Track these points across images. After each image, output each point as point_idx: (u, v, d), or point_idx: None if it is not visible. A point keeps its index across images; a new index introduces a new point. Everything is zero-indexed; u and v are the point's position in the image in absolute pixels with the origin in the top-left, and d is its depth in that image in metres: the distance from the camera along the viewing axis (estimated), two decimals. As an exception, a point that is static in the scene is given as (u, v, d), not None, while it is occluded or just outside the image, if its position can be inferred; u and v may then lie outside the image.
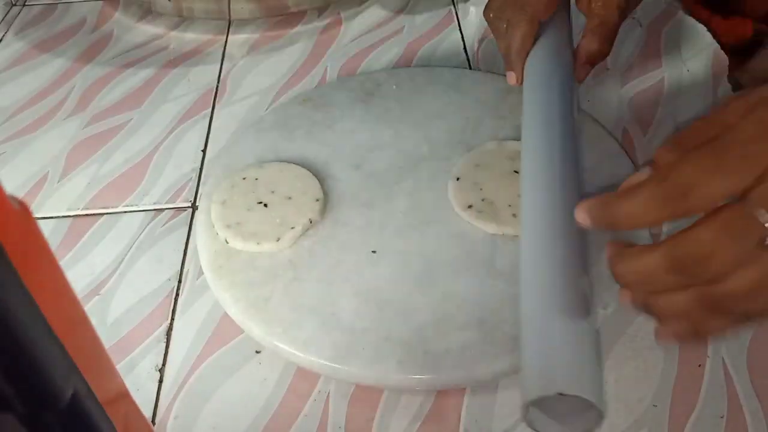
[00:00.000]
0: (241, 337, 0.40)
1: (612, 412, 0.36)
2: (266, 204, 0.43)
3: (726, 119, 0.26)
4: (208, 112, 0.56)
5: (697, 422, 0.35)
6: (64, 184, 0.51)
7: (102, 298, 0.43)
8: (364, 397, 0.37)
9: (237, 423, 0.37)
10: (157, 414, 0.37)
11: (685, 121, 0.52)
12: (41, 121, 0.57)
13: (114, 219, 0.48)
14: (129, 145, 0.54)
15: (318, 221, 0.43)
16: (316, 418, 0.37)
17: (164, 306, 0.42)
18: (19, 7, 0.72)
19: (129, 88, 0.60)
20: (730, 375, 0.37)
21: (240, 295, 0.39)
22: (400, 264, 0.41)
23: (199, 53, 0.63)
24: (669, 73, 0.56)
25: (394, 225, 0.43)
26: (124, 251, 0.46)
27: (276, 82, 0.59)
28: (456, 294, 0.39)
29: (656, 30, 0.61)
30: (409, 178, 0.46)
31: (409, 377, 0.36)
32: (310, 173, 0.46)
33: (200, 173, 0.51)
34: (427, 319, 0.38)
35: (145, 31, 0.67)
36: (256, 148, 0.49)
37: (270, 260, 0.41)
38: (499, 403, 0.37)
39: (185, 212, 0.48)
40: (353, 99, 0.53)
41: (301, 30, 0.65)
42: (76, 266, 0.45)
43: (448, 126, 0.49)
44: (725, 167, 0.24)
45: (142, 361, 0.40)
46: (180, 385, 0.38)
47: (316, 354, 0.37)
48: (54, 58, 0.64)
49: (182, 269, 0.45)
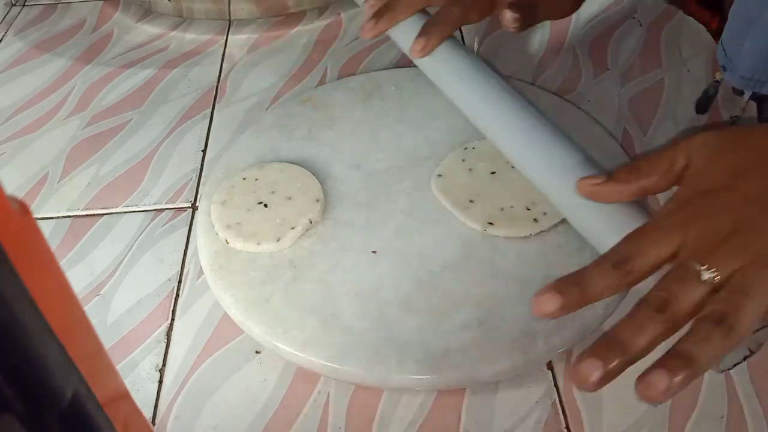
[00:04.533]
0: (241, 337, 0.40)
1: (612, 412, 0.36)
2: (266, 204, 0.43)
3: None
4: (208, 112, 0.56)
5: (697, 422, 0.35)
6: (64, 184, 0.51)
7: (102, 298, 0.43)
8: (364, 397, 0.37)
9: (237, 423, 0.37)
10: (157, 414, 0.37)
11: (685, 120, 0.52)
12: (41, 121, 0.57)
13: (114, 219, 0.48)
14: (129, 145, 0.54)
15: (318, 221, 0.43)
16: (316, 419, 0.37)
17: (164, 306, 0.42)
18: (19, 7, 0.72)
19: (129, 88, 0.60)
20: (730, 375, 0.37)
21: (240, 295, 0.39)
22: (400, 264, 0.41)
23: (199, 53, 0.63)
24: (669, 73, 0.56)
25: (394, 225, 0.43)
26: (124, 251, 0.46)
27: (276, 82, 0.59)
28: (456, 294, 0.39)
29: (656, 30, 0.61)
30: (409, 178, 0.46)
31: (409, 377, 0.36)
32: (310, 173, 0.46)
33: (200, 173, 0.51)
34: (427, 319, 0.38)
35: (145, 31, 0.67)
36: (256, 148, 0.49)
37: (270, 260, 0.41)
38: (499, 403, 0.37)
39: (185, 212, 0.48)
40: (353, 99, 0.53)
41: (301, 30, 0.65)
42: (76, 266, 0.45)
43: (448, 126, 0.49)
44: (653, 239, 0.30)
45: (142, 361, 0.40)
46: (180, 385, 0.38)
47: (316, 354, 0.37)
48: (54, 58, 0.64)
49: (182, 269, 0.45)
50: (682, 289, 0.28)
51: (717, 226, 0.30)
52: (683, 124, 0.52)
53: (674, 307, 0.28)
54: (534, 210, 0.42)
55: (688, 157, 0.33)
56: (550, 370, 0.38)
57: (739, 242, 0.29)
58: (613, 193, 0.35)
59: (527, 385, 0.37)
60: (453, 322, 0.37)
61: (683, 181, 0.33)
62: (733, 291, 0.28)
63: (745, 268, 0.28)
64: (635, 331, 0.28)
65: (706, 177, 0.32)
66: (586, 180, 0.35)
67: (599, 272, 0.30)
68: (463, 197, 0.43)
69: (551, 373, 0.38)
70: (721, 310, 0.27)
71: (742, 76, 0.45)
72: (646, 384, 0.27)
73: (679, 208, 0.31)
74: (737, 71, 0.45)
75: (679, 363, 0.27)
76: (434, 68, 0.47)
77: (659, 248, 0.30)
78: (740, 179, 0.31)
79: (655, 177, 0.34)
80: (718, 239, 0.29)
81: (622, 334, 0.28)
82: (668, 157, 0.34)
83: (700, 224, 0.30)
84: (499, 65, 0.59)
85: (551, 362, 0.38)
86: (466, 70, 0.45)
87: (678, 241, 0.30)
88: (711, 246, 0.29)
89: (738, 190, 0.31)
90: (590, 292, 0.30)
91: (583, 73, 0.57)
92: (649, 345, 0.28)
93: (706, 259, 0.29)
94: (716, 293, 0.28)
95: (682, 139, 0.34)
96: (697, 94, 0.54)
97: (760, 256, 0.28)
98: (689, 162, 0.33)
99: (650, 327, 0.28)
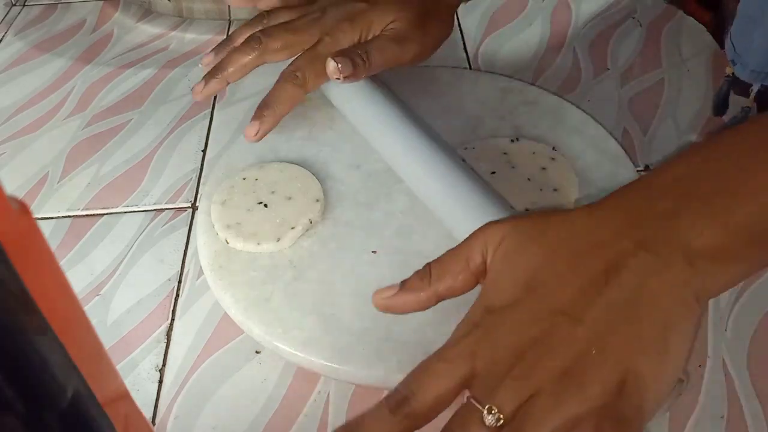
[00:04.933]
0: (241, 337, 0.40)
1: (612, 412, 0.36)
2: (266, 204, 0.43)
3: None
4: (208, 112, 0.56)
5: (697, 422, 0.35)
6: (64, 184, 0.51)
7: (102, 298, 0.43)
8: (364, 397, 0.37)
9: (237, 423, 0.37)
10: (157, 414, 0.37)
11: (685, 121, 0.52)
12: (41, 121, 0.57)
13: (114, 219, 0.48)
14: (129, 145, 0.54)
15: (318, 221, 0.43)
16: (316, 418, 0.37)
17: (164, 306, 0.42)
18: (19, 7, 0.72)
19: (129, 88, 0.60)
20: (730, 375, 0.37)
21: (240, 296, 0.39)
22: (400, 264, 0.41)
23: (199, 53, 0.63)
24: (669, 73, 0.56)
25: (394, 225, 0.43)
26: (124, 251, 0.46)
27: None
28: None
29: (656, 30, 0.61)
30: (409, 178, 0.46)
31: (409, 377, 0.36)
32: (310, 173, 0.46)
33: (200, 173, 0.51)
34: (427, 319, 0.38)
35: (145, 31, 0.67)
36: (256, 148, 0.49)
37: (270, 260, 0.41)
38: (499, 403, 0.37)
39: (185, 212, 0.48)
40: (353, 99, 0.53)
41: (301, 30, 0.65)
42: (76, 266, 0.45)
43: (448, 126, 0.49)
44: (435, 373, 0.29)
45: (142, 361, 0.40)
46: (180, 385, 0.38)
47: (316, 354, 0.37)
48: (54, 58, 0.64)
49: (182, 269, 0.45)
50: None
51: (504, 351, 0.28)
52: (683, 124, 0.52)
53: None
54: (533, 211, 0.42)
55: (483, 254, 0.31)
56: (550, 370, 0.38)
57: (526, 368, 0.27)
58: (407, 303, 0.33)
59: (527, 385, 0.37)
60: (453, 322, 0.37)
61: (483, 278, 0.32)
62: (517, 428, 0.26)
63: (534, 398, 0.26)
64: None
65: (497, 289, 0.30)
66: (377, 293, 0.33)
67: (376, 419, 0.28)
68: None
69: (551, 373, 0.38)
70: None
71: (752, 70, 0.45)
72: None
73: (468, 333, 0.29)
74: (748, 65, 0.45)
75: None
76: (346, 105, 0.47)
77: (442, 382, 0.28)
78: (530, 292, 0.29)
79: (449, 280, 0.32)
80: (506, 366, 0.27)
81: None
82: (462, 256, 0.32)
83: (488, 350, 0.28)
84: (499, 65, 0.59)
85: (551, 362, 0.38)
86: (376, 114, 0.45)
87: (463, 372, 0.28)
88: (498, 376, 0.27)
89: (528, 303, 0.29)
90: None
91: (583, 73, 0.57)
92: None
93: (491, 396, 0.27)
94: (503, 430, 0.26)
95: (479, 231, 0.32)
96: (697, 94, 0.54)
97: (549, 376, 0.26)
98: (485, 258, 0.31)
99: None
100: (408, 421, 0.28)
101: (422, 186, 0.41)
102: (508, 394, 0.27)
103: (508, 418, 0.26)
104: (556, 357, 0.27)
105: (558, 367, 0.27)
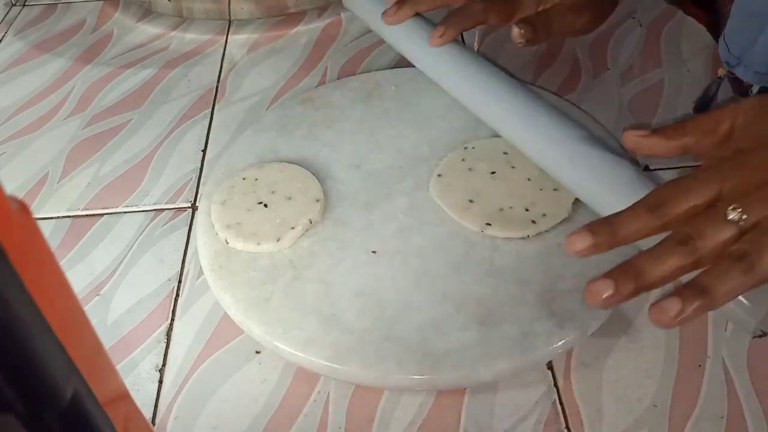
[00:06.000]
0: (241, 337, 0.40)
1: (612, 412, 0.36)
2: (266, 204, 0.43)
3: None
4: (208, 112, 0.56)
5: (697, 422, 0.35)
6: (64, 184, 0.51)
7: (102, 298, 0.43)
8: (364, 397, 0.37)
9: (237, 423, 0.37)
10: (157, 414, 0.37)
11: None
12: (41, 121, 0.57)
13: (114, 219, 0.48)
14: (129, 145, 0.54)
15: (318, 221, 0.43)
16: (316, 418, 0.37)
17: (164, 306, 0.42)
18: (19, 7, 0.72)
19: (129, 88, 0.60)
20: (730, 375, 0.37)
21: (240, 295, 0.39)
22: (400, 264, 0.41)
23: (199, 53, 0.63)
24: (669, 73, 0.56)
25: (394, 225, 0.43)
26: (124, 251, 0.46)
27: (276, 82, 0.59)
28: (456, 294, 0.39)
29: (656, 30, 0.61)
30: (409, 178, 0.46)
31: (409, 377, 0.36)
32: (310, 173, 0.46)
33: (200, 173, 0.51)
34: (427, 319, 0.38)
35: (145, 31, 0.67)
36: (256, 148, 0.49)
37: (270, 260, 0.41)
38: (499, 403, 0.37)
39: (185, 212, 0.48)
40: (353, 99, 0.53)
41: (301, 30, 0.65)
42: (76, 266, 0.45)
43: (448, 126, 0.49)
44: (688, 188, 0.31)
45: (142, 361, 0.40)
46: (180, 386, 0.38)
47: (316, 354, 0.37)
48: (54, 58, 0.64)
49: (182, 269, 0.45)
50: (708, 227, 0.29)
51: (753, 178, 0.30)
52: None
53: (696, 243, 0.29)
54: (533, 211, 0.42)
55: (733, 120, 0.33)
56: (550, 370, 0.38)
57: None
58: (655, 146, 0.35)
59: (527, 385, 0.37)
60: (453, 322, 0.37)
61: (724, 145, 0.34)
62: (760, 233, 0.28)
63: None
64: (653, 260, 0.29)
65: (745, 138, 0.33)
66: (630, 131, 0.36)
67: (633, 215, 0.31)
68: (462, 197, 0.43)
69: (551, 373, 0.38)
70: (744, 248, 0.28)
71: (756, 72, 0.45)
72: (659, 308, 0.28)
73: (716, 164, 0.32)
74: (751, 67, 0.45)
75: (694, 293, 0.28)
76: (436, 65, 0.49)
77: (694, 196, 0.30)
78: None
79: (698, 135, 0.34)
80: (753, 188, 0.30)
81: (639, 262, 0.29)
82: (714, 118, 0.34)
83: (737, 176, 0.31)
84: (499, 65, 0.59)
85: (551, 362, 0.38)
86: (468, 65, 0.47)
87: (714, 191, 0.30)
88: (744, 193, 0.30)
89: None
90: (622, 234, 0.30)
91: (583, 73, 0.57)
92: (664, 275, 0.29)
93: (736, 202, 0.29)
94: (743, 236, 0.28)
95: (731, 102, 0.34)
96: (697, 93, 0.54)
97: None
98: (733, 125, 0.33)
99: (669, 258, 0.29)
100: (661, 221, 0.30)
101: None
102: (753, 203, 0.29)
103: (749, 223, 0.28)
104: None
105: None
